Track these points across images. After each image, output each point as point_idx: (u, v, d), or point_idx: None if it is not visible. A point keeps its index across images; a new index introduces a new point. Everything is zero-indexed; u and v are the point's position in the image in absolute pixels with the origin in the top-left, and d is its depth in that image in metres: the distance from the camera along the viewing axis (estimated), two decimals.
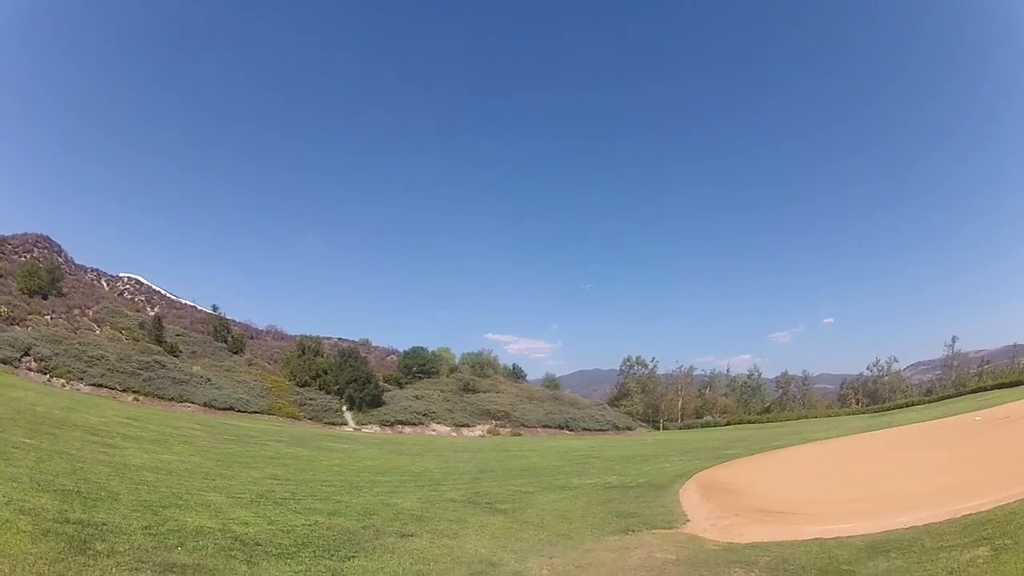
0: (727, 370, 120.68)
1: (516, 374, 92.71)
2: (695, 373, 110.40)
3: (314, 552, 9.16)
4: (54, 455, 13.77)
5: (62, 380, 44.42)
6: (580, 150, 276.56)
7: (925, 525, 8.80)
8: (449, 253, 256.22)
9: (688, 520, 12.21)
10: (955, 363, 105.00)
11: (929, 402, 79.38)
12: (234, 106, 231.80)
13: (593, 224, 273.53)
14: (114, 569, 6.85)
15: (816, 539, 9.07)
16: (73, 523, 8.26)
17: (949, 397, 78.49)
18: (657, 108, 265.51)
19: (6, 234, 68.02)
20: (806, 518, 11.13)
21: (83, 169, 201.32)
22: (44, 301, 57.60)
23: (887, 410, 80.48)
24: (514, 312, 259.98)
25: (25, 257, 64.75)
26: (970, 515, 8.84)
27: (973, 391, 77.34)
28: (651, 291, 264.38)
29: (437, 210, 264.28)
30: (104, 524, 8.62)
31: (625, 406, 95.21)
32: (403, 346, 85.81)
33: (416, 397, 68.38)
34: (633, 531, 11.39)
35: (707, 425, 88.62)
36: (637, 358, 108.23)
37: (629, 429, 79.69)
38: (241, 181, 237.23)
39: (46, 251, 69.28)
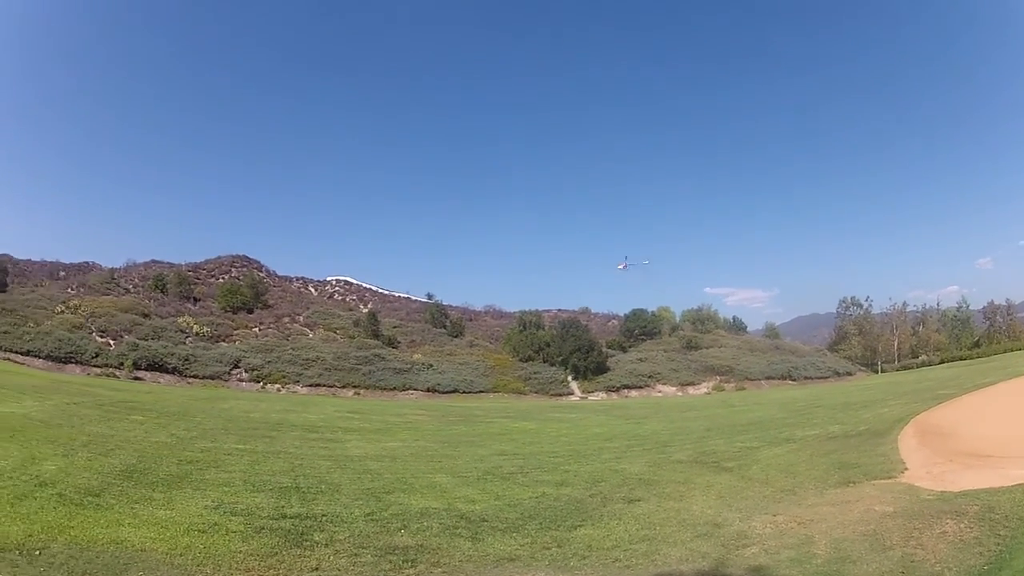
0: (937, 304, 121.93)
1: (737, 326, 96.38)
2: (908, 310, 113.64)
3: (540, 524, 9.55)
4: (270, 456, 15.46)
5: (277, 385, 50.89)
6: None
7: None
8: (659, 212, 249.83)
9: (906, 468, 12.76)
10: None
11: None
12: (415, 86, 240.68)
13: (795, 161, 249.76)
14: (332, 556, 7.23)
15: (1020, 484, 9.45)
16: (290, 518, 8.96)
17: None
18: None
19: (198, 260, 79.13)
20: (1013, 461, 11.55)
21: (278, 188, 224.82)
22: (250, 315, 66.46)
23: None
24: (729, 263, 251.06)
25: (223, 278, 74.94)
26: None
27: None
28: (858, 226, 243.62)
29: (643, 167, 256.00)
30: (324, 515, 9.29)
31: (843, 350, 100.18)
32: (623, 310, 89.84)
33: (640, 359, 70.17)
34: (854, 483, 11.90)
35: (924, 364, 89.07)
36: (852, 299, 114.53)
37: (849, 374, 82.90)
38: (444, 168, 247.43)
39: (244, 269, 79.94)
